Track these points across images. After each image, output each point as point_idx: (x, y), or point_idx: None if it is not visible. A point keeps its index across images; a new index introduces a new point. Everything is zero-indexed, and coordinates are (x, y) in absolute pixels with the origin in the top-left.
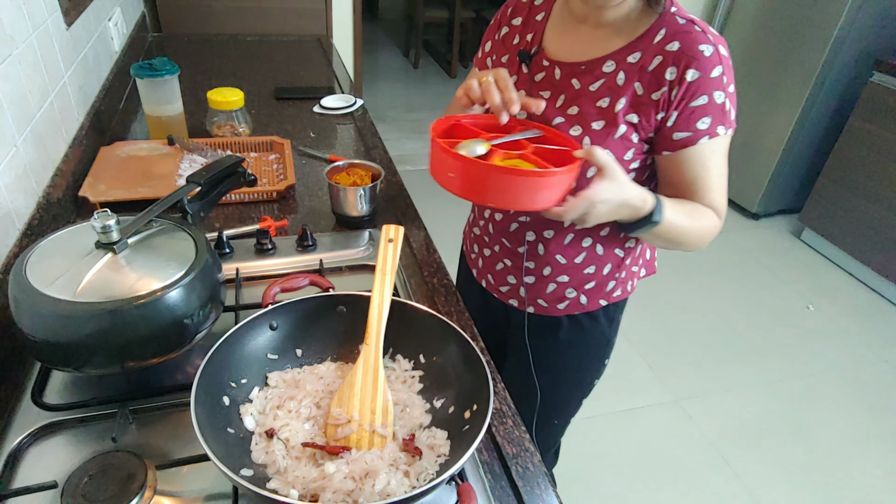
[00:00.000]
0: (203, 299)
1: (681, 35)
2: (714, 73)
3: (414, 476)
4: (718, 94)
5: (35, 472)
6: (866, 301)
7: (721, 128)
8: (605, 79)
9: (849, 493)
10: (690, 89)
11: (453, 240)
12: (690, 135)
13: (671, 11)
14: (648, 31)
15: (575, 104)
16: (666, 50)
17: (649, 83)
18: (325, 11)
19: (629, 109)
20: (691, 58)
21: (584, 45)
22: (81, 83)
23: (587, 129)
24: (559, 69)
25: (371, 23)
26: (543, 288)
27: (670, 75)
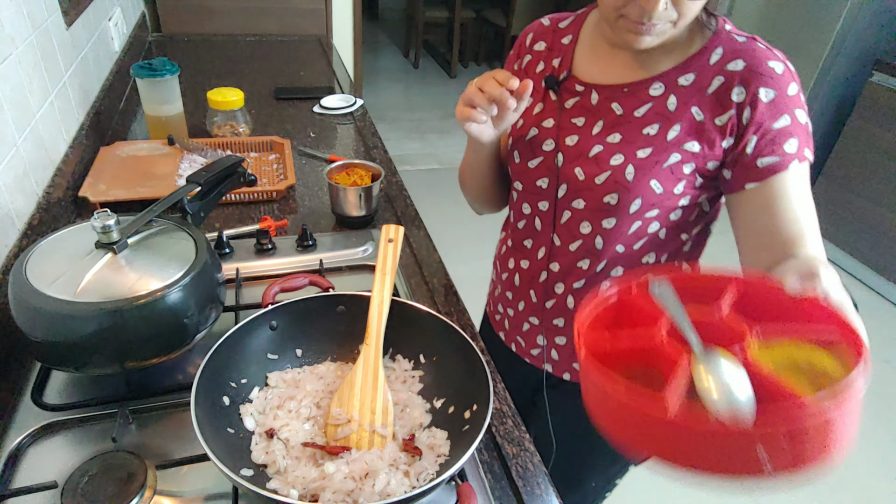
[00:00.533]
0: (203, 299)
1: (744, 53)
2: (791, 91)
3: (414, 476)
4: (801, 113)
5: (35, 472)
6: (866, 301)
7: (808, 150)
8: (652, 103)
9: (849, 493)
10: (769, 110)
11: (453, 240)
12: (779, 159)
13: (726, 30)
14: (702, 51)
15: (616, 131)
16: (728, 70)
17: (712, 107)
18: (325, 11)
19: (687, 137)
20: (762, 75)
21: (625, 68)
22: (81, 83)
23: (631, 158)
24: (597, 93)
25: (371, 23)
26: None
27: (738, 96)
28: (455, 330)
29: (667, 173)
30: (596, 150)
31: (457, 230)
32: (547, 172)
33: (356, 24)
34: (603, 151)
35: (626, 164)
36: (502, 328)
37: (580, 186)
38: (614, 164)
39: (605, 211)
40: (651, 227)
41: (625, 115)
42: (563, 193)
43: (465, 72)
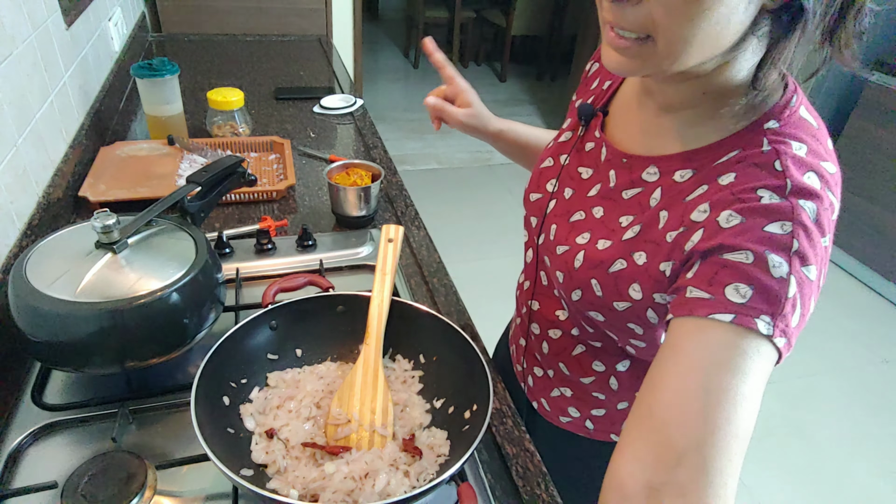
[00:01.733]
0: (203, 299)
1: (745, 166)
2: (771, 228)
3: (414, 476)
4: (776, 263)
5: (35, 472)
6: (866, 301)
7: (765, 321)
8: (641, 189)
9: (849, 493)
10: (723, 236)
11: (453, 240)
12: (709, 298)
13: (765, 127)
14: (719, 144)
15: (602, 204)
16: (717, 181)
17: (673, 216)
18: (325, 11)
19: (636, 243)
20: (737, 196)
21: (639, 132)
22: (81, 83)
23: (590, 245)
24: (605, 149)
25: (371, 23)
26: (548, 388)
27: (697, 215)
28: (455, 330)
29: (610, 280)
30: (577, 215)
31: (457, 230)
32: (538, 213)
33: (356, 24)
34: (581, 221)
35: (580, 249)
36: (524, 382)
37: (548, 245)
38: (577, 243)
39: (557, 283)
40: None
41: (615, 189)
42: (542, 242)
43: (465, 72)
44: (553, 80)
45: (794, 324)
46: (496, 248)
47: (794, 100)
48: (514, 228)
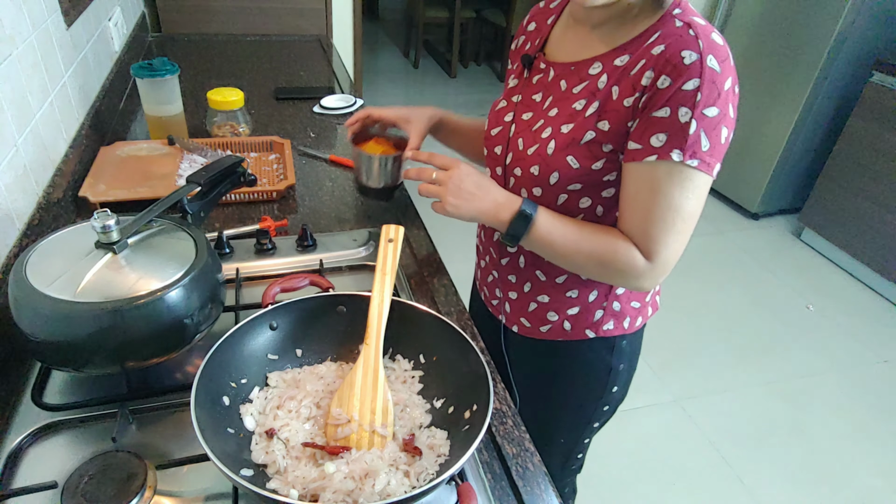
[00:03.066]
0: (203, 299)
1: (668, 38)
2: (686, 86)
3: (414, 476)
4: (684, 112)
5: (35, 472)
6: (866, 301)
7: (677, 152)
8: (588, 81)
9: (849, 493)
10: (656, 97)
11: (453, 240)
12: (640, 148)
13: (672, 13)
14: (644, 34)
15: (556, 106)
16: (651, 53)
17: (624, 88)
18: (325, 11)
19: (600, 116)
20: (668, 62)
21: (579, 46)
22: (81, 83)
23: (556, 133)
24: (553, 70)
25: (371, 23)
26: (525, 306)
27: (646, 80)
28: (455, 330)
29: (583, 150)
30: (538, 123)
31: (457, 230)
32: (502, 140)
33: (356, 24)
34: (542, 125)
35: (549, 139)
36: (477, 278)
37: (518, 156)
38: (543, 138)
39: (531, 181)
40: (582, 202)
41: (566, 91)
42: (509, 161)
43: (465, 72)
44: None
45: (705, 148)
46: None
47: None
48: None
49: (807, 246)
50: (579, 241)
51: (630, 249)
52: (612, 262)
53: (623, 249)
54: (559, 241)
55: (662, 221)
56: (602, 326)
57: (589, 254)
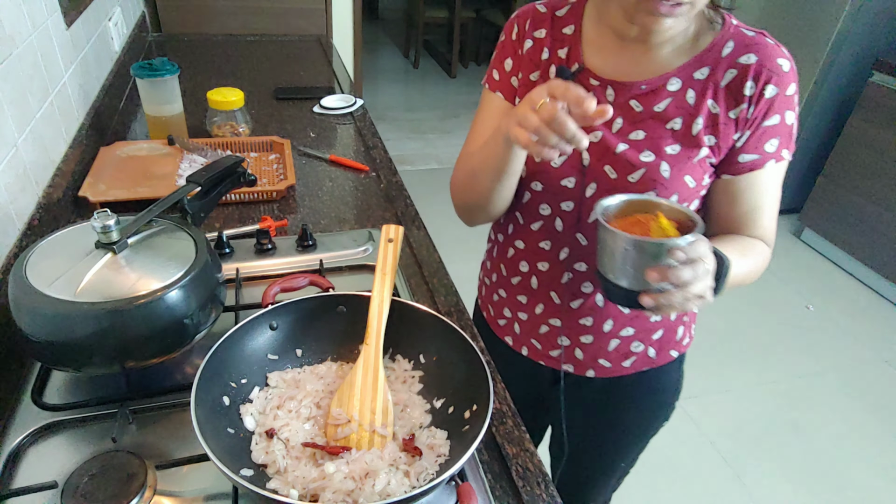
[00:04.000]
0: (203, 299)
1: (755, 47)
2: (790, 91)
3: (414, 476)
4: (790, 115)
5: (35, 472)
6: (866, 301)
7: (786, 151)
8: (672, 98)
9: (849, 493)
10: (764, 106)
11: (453, 240)
12: (758, 158)
13: (733, 24)
14: (713, 45)
15: (639, 128)
16: (740, 63)
17: (726, 100)
18: (325, 11)
19: (706, 130)
20: (771, 72)
21: (638, 64)
22: (81, 83)
23: (661, 155)
24: (612, 89)
25: (371, 23)
26: (604, 346)
27: (750, 90)
28: (455, 330)
29: (697, 168)
30: (621, 147)
31: (457, 230)
32: (572, 171)
33: (356, 24)
34: (629, 149)
35: (658, 162)
36: (510, 332)
37: (613, 185)
38: (647, 161)
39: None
40: None
41: (645, 111)
42: (592, 193)
43: (465, 72)
44: None
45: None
46: None
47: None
48: None
49: (807, 246)
50: (748, 266)
51: (764, 249)
52: (760, 271)
53: (763, 252)
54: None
55: (775, 215)
56: (682, 342)
57: (751, 273)
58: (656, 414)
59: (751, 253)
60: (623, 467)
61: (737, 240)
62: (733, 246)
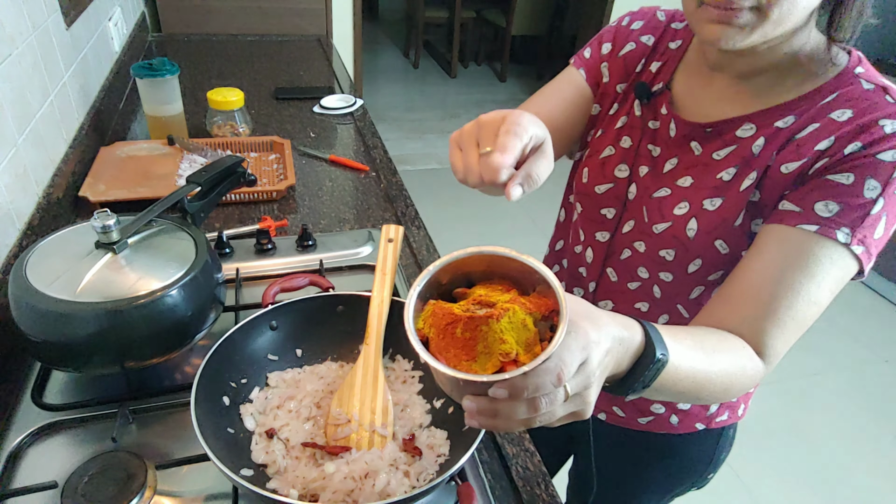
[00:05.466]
0: (203, 299)
1: (860, 102)
2: (883, 156)
3: (414, 476)
4: (872, 186)
5: (35, 472)
6: (866, 301)
7: (845, 231)
8: (737, 145)
9: (849, 492)
10: (839, 162)
11: (453, 240)
12: (797, 211)
13: (855, 72)
14: (815, 92)
15: (690, 174)
16: (829, 117)
17: (788, 152)
18: (325, 11)
19: (756, 185)
20: (862, 129)
21: (718, 101)
22: (81, 83)
23: (696, 209)
24: (675, 125)
25: (371, 23)
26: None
27: (825, 145)
28: None
29: (736, 233)
30: (662, 192)
31: (457, 230)
32: (615, 202)
33: (356, 24)
34: (670, 196)
35: (689, 217)
36: None
37: (642, 229)
38: (677, 215)
39: (660, 264)
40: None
41: (702, 155)
42: (628, 230)
43: (465, 72)
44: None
45: (877, 236)
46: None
47: (859, 55)
48: (514, 228)
49: None
50: (709, 374)
51: (754, 361)
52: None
53: (750, 366)
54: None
55: (791, 311)
56: (716, 418)
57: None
58: (681, 479)
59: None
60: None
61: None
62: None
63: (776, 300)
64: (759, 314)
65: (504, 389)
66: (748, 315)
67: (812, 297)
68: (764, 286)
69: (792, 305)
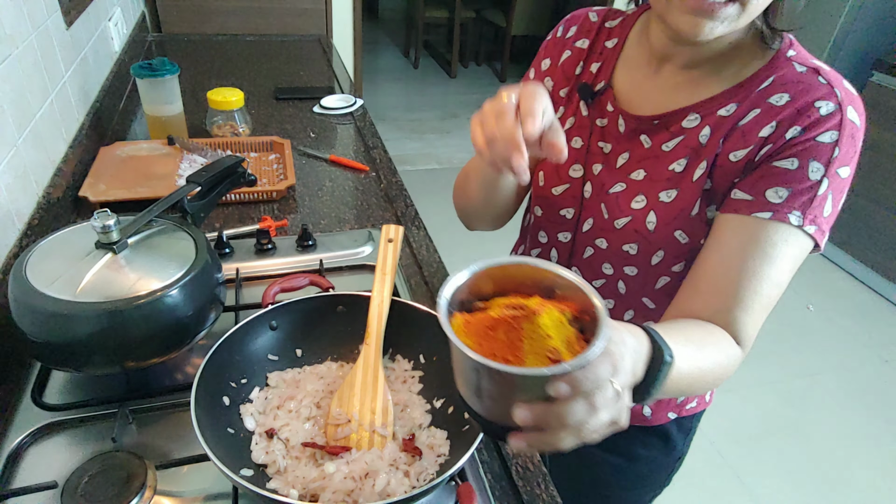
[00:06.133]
0: (203, 299)
1: (795, 85)
2: (822, 138)
3: (414, 476)
4: (815, 168)
5: (35, 472)
6: (866, 301)
7: (797, 214)
8: (684, 136)
9: (849, 493)
10: (782, 148)
11: (453, 240)
12: (749, 199)
13: (787, 56)
14: (752, 78)
15: (642, 167)
16: (769, 102)
17: (735, 140)
18: (325, 11)
19: (707, 174)
20: (800, 113)
21: (663, 92)
22: (81, 83)
23: (653, 202)
24: (623, 119)
25: (371, 23)
26: None
27: (767, 131)
28: None
29: (695, 221)
30: (618, 187)
31: (457, 230)
32: (572, 202)
33: (356, 24)
34: (625, 190)
35: (647, 210)
36: None
37: (602, 225)
38: (635, 209)
39: (624, 258)
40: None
41: (652, 148)
42: (588, 228)
43: (465, 72)
44: None
45: (826, 213)
46: (496, 247)
47: (791, 37)
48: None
49: None
50: (705, 363)
51: (734, 348)
52: (722, 375)
53: (733, 355)
54: (690, 376)
55: (757, 297)
56: (686, 405)
57: (708, 375)
58: (646, 487)
59: (711, 348)
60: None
61: (694, 327)
62: (686, 334)
63: (742, 289)
64: (730, 305)
65: (566, 384)
66: (719, 307)
67: (774, 280)
68: (729, 277)
69: (757, 290)
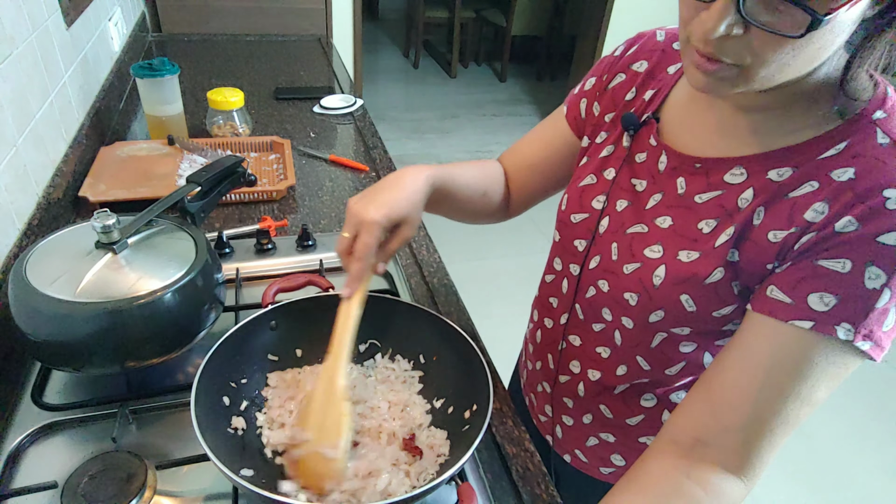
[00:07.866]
0: (203, 299)
1: (865, 161)
2: (886, 239)
3: (414, 476)
4: (874, 275)
5: (35, 472)
6: None
7: (846, 328)
8: (722, 192)
9: (849, 492)
10: (831, 242)
11: (453, 240)
12: (789, 303)
13: (873, 117)
14: (822, 139)
15: (670, 213)
16: (829, 176)
17: (778, 215)
18: (325, 11)
19: (733, 242)
20: (861, 198)
21: (713, 132)
22: (81, 83)
23: (668, 257)
24: (666, 156)
25: (371, 23)
26: (582, 438)
27: (813, 215)
28: (455, 330)
29: (707, 291)
30: (638, 228)
31: (457, 230)
32: (586, 234)
33: (356, 24)
34: (645, 234)
35: (658, 263)
36: (523, 376)
37: (608, 267)
38: (648, 257)
39: (623, 308)
40: (684, 347)
41: (685, 195)
42: (594, 266)
43: (465, 72)
44: (553, 81)
45: (887, 328)
46: (496, 247)
47: (890, 90)
48: (514, 228)
49: None
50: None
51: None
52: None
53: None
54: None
55: (780, 418)
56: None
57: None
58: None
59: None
60: None
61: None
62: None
63: (761, 409)
64: (745, 423)
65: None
66: (730, 424)
67: (805, 398)
68: (749, 390)
69: (781, 411)
